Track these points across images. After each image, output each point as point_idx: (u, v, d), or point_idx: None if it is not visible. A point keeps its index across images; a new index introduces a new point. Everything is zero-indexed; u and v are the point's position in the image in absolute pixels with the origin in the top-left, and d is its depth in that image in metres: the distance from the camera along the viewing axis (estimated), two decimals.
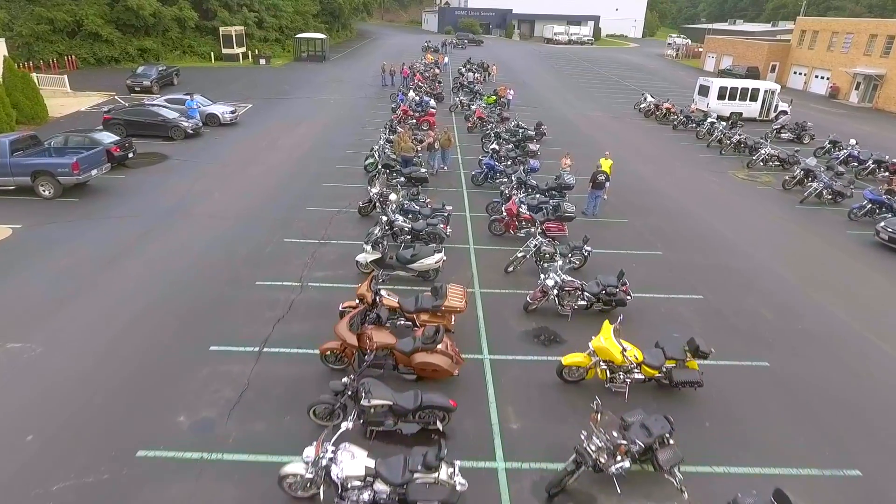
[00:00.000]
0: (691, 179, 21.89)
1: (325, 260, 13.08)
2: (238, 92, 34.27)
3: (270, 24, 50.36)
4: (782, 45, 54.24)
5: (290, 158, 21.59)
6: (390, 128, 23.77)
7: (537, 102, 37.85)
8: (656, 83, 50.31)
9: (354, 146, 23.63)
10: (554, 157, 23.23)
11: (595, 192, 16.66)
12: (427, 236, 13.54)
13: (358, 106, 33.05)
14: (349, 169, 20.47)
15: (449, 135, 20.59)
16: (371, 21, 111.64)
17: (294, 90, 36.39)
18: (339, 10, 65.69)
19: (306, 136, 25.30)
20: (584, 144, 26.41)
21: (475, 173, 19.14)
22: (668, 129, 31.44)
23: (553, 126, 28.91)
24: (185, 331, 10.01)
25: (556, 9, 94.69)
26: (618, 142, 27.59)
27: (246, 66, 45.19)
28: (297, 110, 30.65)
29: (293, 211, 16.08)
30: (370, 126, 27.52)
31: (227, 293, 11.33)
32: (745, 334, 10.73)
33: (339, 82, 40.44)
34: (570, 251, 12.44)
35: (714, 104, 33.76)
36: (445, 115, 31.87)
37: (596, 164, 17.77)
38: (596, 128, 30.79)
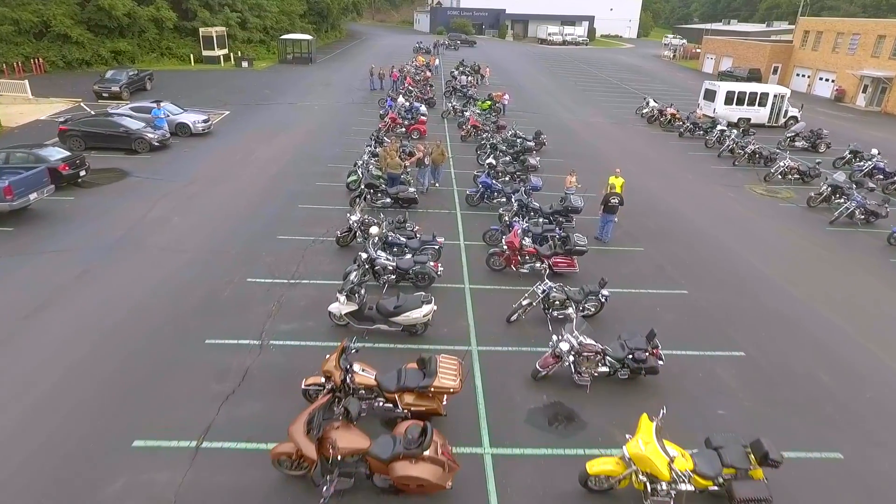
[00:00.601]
0: (706, 196, 19.98)
1: (293, 307, 11.01)
2: (215, 97, 32.06)
3: (254, 24, 48.10)
4: (785, 47, 52.61)
5: (265, 174, 19.48)
6: (376, 139, 21.71)
7: (534, 107, 35.90)
8: (656, 86, 48.54)
9: (338, 159, 21.54)
10: (555, 171, 21.29)
11: (607, 216, 14.69)
12: (415, 276, 11.51)
13: (344, 112, 30.95)
14: (330, 187, 18.39)
15: (442, 148, 18.58)
16: (362, 21, 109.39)
17: (276, 95, 34.23)
18: (328, 10, 63.46)
19: (286, 147, 23.18)
20: (587, 155, 24.46)
21: (470, 192, 17.13)
22: (673, 136, 29.58)
23: (552, 134, 26.96)
24: (102, 419, 7.88)
25: (550, 9, 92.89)
26: (622, 151, 25.67)
27: (227, 68, 42.95)
28: (277, 117, 28.51)
29: (261, 241, 13.99)
30: (357, 135, 25.44)
31: (167, 358, 9.24)
32: (805, 411, 8.75)
33: (325, 86, 38.29)
34: (584, 297, 10.46)
35: (721, 109, 31.94)
36: (437, 121, 29.85)
37: (609, 186, 15.79)
38: (597, 135, 28.87)
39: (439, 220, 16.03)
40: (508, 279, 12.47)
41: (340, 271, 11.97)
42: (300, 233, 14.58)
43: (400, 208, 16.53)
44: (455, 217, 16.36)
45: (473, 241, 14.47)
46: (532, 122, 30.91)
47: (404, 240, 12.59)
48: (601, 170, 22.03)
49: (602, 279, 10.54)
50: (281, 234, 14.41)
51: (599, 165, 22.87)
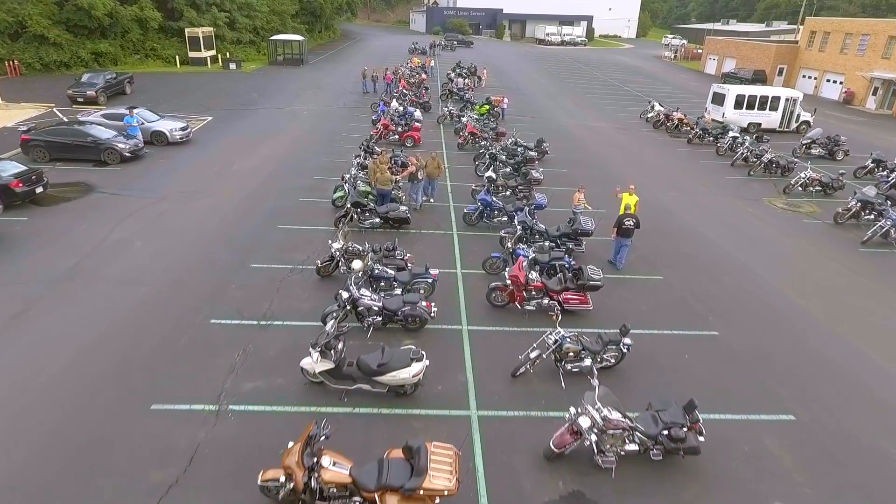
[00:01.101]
0: (724, 211, 18.43)
1: (262, 357, 9.39)
2: (199, 102, 30.39)
3: (243, 24, 46.39)
4: (790, 47, 51.20)
5: (244, 189, 17.84)
6: (366, 148, 20.12)
7: (534, 111, 34.34)
8: (658, 88, 47.05)
9: (325, 171, 19.93)
10: (560, 182, 19.73)
11: (622, 240, 13.12)
12: (405, 319, 9.92)
13: (334, 117, 29.32)
14: (314, 204, 16.77)
15: (438, 160, 16.98)
16: (357, 21, 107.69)
17: (264, 99, 32.57)
18: (321, 10, 61.78)
19: (269, 157, 21.55)
20: (592, 164, 22.89)
21: (468, 210, 15.53)
22: (681, 142, 28.06)
23: (554, 140, 25.41)
24: None
25: (548, 8, 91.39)
26: (629, 160, 24.13)
27: (214, 70, 41.25)
28: (263, 124, 26.85)
29: (232, 270, 12.37)
30: (347, 142, 23.83)
31: (100, 433, 7.60)
32: None
33: (316, 89, 36.64)
34: (603, 347, 8.89)
35: (730, 114, 30.43)
36: (432, 127, 28.26)
37: (623, 206, 14.18)
38: (602, 142, 27.31)
39: (433, 242, 14.44)
40: (512, 318, 10.89)
41: (319, 309, 10.39)
42: (277, 259, 12.97)
43: (390, 228, 14.95)
44: (451, 239, 14.76)
45: (472, 270, 12.86)
46: (533, 128, 29.38)
47: (392, 273, 11.00)
48: (608, 181, 20.55)
49: (624, 326, 8.97)
50: (255, 262, 12.79)
51: (606, 176, 21.34)
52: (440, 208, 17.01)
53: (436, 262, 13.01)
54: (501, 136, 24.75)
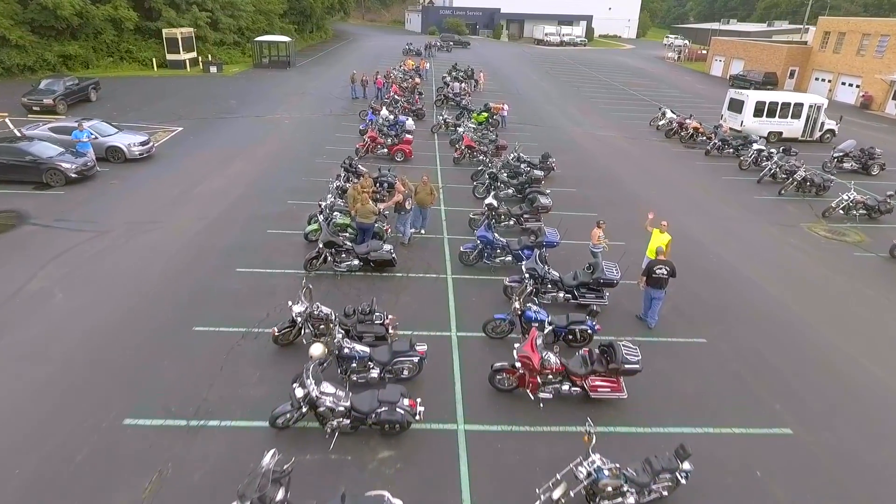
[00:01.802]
0: (761, 241, 15.97)
1: (181, 485, 6.87)
2: (170, 109, 27.79)
3: (227, 25, 43.76)
4: (802, 49, 48.86)
5: (205, 218, 15.30)
6: (348, 167, 17.61)
7: (536, 118, 31.87)
8: (664, 91, 44.65)
9: (302, 193, 17.40)
10: (569, 205, 17.27)
11: (653, 291, 10.65)
12: (380, 424, 7.42)
13: (319, 127, 26.77)
14: (284, 238, 14.26)
15: (430, 186, 14.48)
16: (351, 21, 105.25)
17: (243, 106, 29.99)
18: (311, 10, 59.16)
19: (240, 176, 19.00)
20: (604, 182, 20.40)
21: (465, 249, 13.01)
22: (698, 154, 25.61)
23: (560, 153, 22.95)
24: None
25: (547, 8, 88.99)
26: (644, 175, 21.66)
27: (193, 74, 38.62)
28: (238, 135, 24.30)
29: (167, 337, 9.84)
30: (331, 156, 21.33)
31: None
32: None
33: (301, 94, 34.07)
34: (653, 477, 6.41)
35: (749, 122, 28.04)
36: (426, 137, 25.77)
37: (655, 250, 11.68)
38: (612, 154, 24.85)
39: (423, 290, 11.92)
40: (523, 409, 8.38)
41: (271, 398, 7.92)
42: (228, 319, 10.43)
43: (372, 271, 12.44)
44: (445, 285, 12.24)
45: (471, 332, 10.36)
46: (535, 137, 26.92)
47: (366, 351, 8.48)
48: (624, 203, 18.10)
49: (682, 447, 6.50)
50: (200, 324, 10.26)
51: (621, 196, 18.86)
52: (432, 242, 14.49)
53: (425, 319, 10.54)
54: (502, 150, 22.27)
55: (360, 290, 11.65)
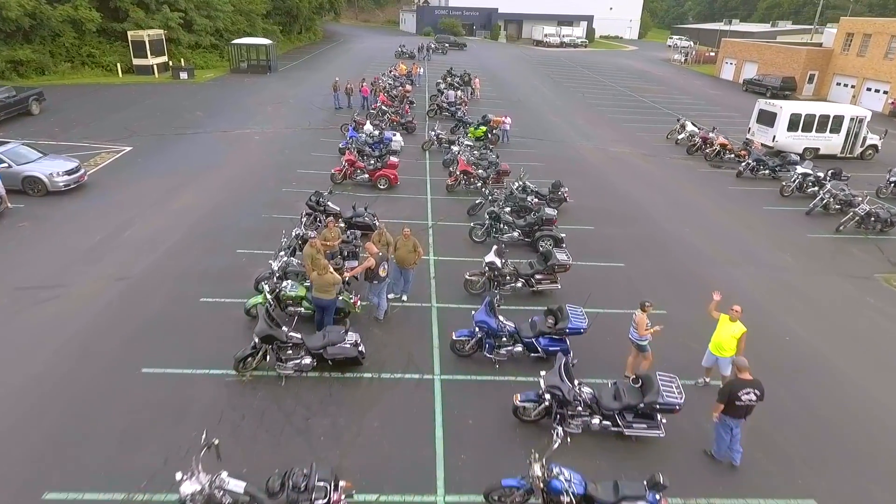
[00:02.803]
0: (832, 303, 12.61)
1: None
2: (123, 124, 24.30)
3: (202, 26, 40.23)
4: (822, 51, 45.63)
5: (123, 278, 11.87)
6: (314, 205, 14.23)
7: (540, 131, 28.52)
8: (675, 97, 41.37)
9: (258, 238, 14.00)
10: (589, 252, 13.82)
11: (730, 420, 7.27)
12: None
13: (294, 143, 23.35)
14: (221, 308, 10.84)
15: (414, 242, 11.07)
16: (344, 21, 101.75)
17: (210, 118, 26.53)
18: (297, 10, 55.63)
19: (184, 213, 15.56)
20: (627, 216, 16.95)
21: (459, 337, 9.58)
22: (728, 176, 22.30)
23: (570, 175, 19.73)
24: None
25: (546, 8, 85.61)
26: (672, 206, 18.30)
27: (162, 81, 35.09)
28: (198, 155, 20.87)
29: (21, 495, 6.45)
30: (303, 184, 17.99)
31: None
32: None
33: (278, 104, 30.61)
34: None
35: (783, 137, 24.75)
36: (416, 155, 22.41)
37: (717, 344, 8.37)
38: (629, 176, 21.48)
39: (399, 406, 8.48)
40: None
41: None
42: (107, 470, 7.00)
43: (331, 370, 9.03)
44: (430, 395, 8.82)
45: (467, 496, 6.94)
46: (541, 155, 23.56)
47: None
48: (654, 245, 14.72)
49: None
50: (53, 488, 6.79)
51: (650, 237, 15.44)
52: (416, 313, 11.08)
53: (399, 468, 7.14)
54: (504, 175, 18.88)
55: (310, 407, 8.23)
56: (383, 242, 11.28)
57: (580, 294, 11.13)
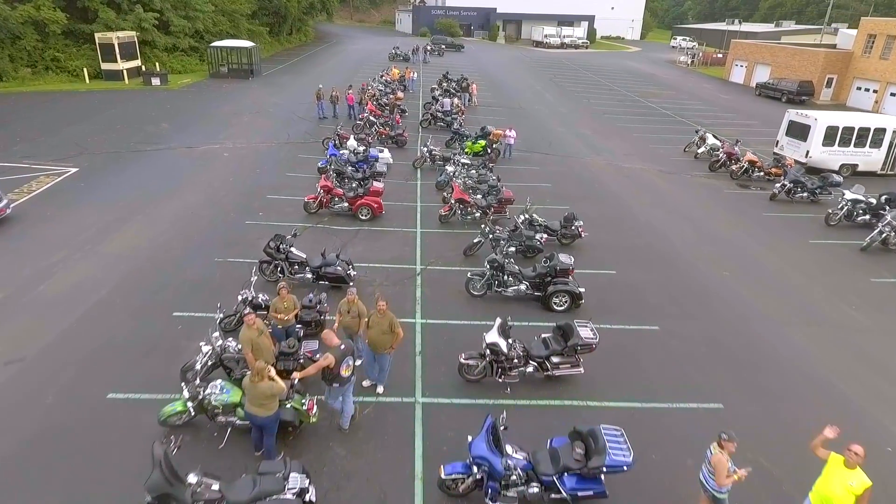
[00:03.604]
0: None
1: None
2: (75, 139, 21.53)
3: (180, 27, 37.43)
4: (841, 54, 42.99)
5: (14, 362, 9.12)
6: (274, 251, 11.51)
7: (544, 142, 25.83)
8: (685, 103, 38.71)
9: (203, 296, 11.24)
10: (611, 311, 11.02)
11: None
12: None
13: (269, 162, 20.61)
14: (134, 407, 8.11)
15: (391, 319, 8.29)
16: (339, 21, 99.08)
17: (177, 131, 23.76)
18: (286, 10, 52.83)
19: (119, 258, 12.81)
20: (653, 257, 14.13)
21: (450, 473, 6.78)
22: (760, 199, 19.65)
23: (582, 200, 17.22)
24: None
25: (546, 8, 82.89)
26: (705, 240, 15.58)
27: (133, 87, 32.30)
28: (153, 178, 18.12)
29: None
30: (272, 215, 15.38)
31: None
32: None
33: (256, 113, 27.86)
34: None
35: (817, 152, 22.11)
36: (406, 174, 19.72)
37: (826, 498, 5.60)
38: (649, 200, 18.77)
39: None
40: None
41: None
42: None
43: None
44: None
45: None
46: (547, 173, 20.87)
47: None
48: (692, 297, 11.94)
49: None
50: None
51: (684, 284, 12.63)
52: (394, 417, 8.32)
53: None
54: (507, 205, 16.13)
55: None
56: (353, 314, 8.58)
57: (608, 377, 8.43)
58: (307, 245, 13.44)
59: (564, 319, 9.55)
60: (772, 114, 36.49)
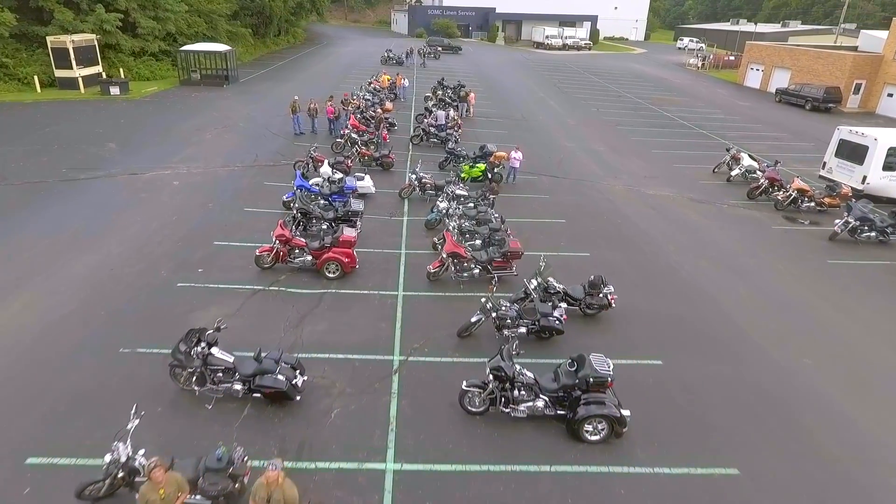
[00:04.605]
0: None
1: None
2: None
3: (148, 29, 33.94)
4: (870, 58, 39.64)
5: None
6: (184, 357, 8.10)
7: (552, 162, 22.48)
8: (702, 111, 35.35)
9: (99, 403, 7.84)
10: (658, 431, 7.61)
11: None
12: None
13: (226, 193, 17.17)
14: None
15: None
16: (333, 22, 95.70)
17: (124, 152, 20.31)
18: (270, 11, 49.29)
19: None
20: (704, 328, 10.69)
21: None
22: (815, 236, 16.33)
23: (603, 240, 13.97)
24: None
25: (547, 7, 79.49)
26: (764, 303, 12.17)
27: (90, 97, 28.78)
28: (74, 217, 14.67)
29: None
30: (212, 273, 11.99)
31: None
32: None
33: (224, 128, 24.41)
34: None
35: (876, 178, 18.80)
36: (390, 206, 16.31)
37: None
38: (685, 241, 15.37)
39: None
40: None
41: None
42: None
43: None
44: None
45: None
46: (559, 205, 17.43)
47: None
48: (768, 407, 8.22)
49: None
50: None
51: (764, 393, 9.11)
52: None
53: None
54: (513, 259, 12.70)
55: None
56: (276, 499, 5.17)
57: None
58: (251, 321, 10.13)
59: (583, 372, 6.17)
60: (800, 124, 33.18)
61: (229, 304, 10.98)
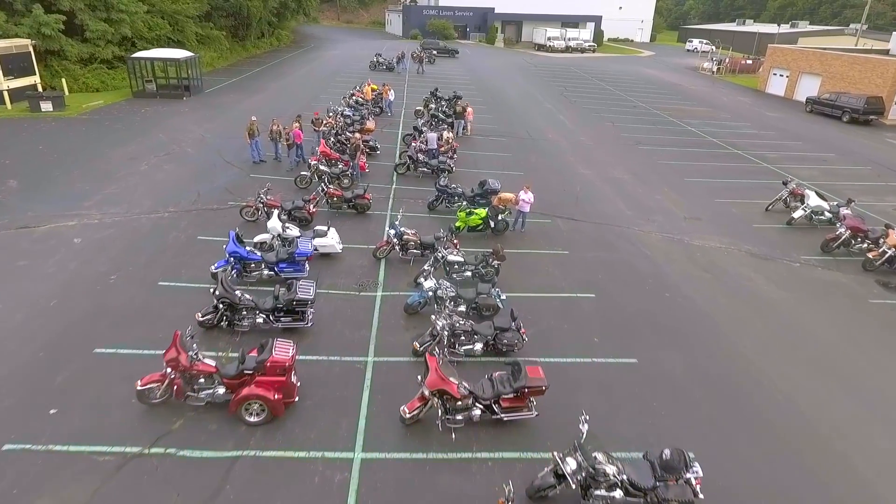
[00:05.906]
0: None
1: None
2: None
3: (98, 32, 29.52)
4: None
5: None
6: None
7: (569, 199, 18.11)
8: (731, 126, 31.04)
9: None
10: None
11: None
12: None
13: (143, 254, 12.79)
14: None
15: None
16: (325, 22, 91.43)
17: (26, 192, 15.93)
18: (248, 11, 44.79)
19: None
20: None
21: None
22: None
23: (649, 327, 9.38)
24: None
25: (548, 8, 75.22)
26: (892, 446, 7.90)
27: (16, 114, 24.34)
28: None
29: None
30: (74, 410, 7.53)
31: None
32: None
33: (165, 155, 19.99)
34: None
35: None
36: (361, 273, 11.89)
37: None
38: (759, 322, 11.05)
39: None
40: None
41: None
42: None
43: None
44: None
45: None
46: (583, 270, 12.84)
47: None
48: None
49: None
50: None
51: None
52: None
53: None
54: (533, 395, 8.32)
55: None
56: None
57: None
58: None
59: None
60: (842, 141, 28.90)
61: (71, 496, 6.63)
